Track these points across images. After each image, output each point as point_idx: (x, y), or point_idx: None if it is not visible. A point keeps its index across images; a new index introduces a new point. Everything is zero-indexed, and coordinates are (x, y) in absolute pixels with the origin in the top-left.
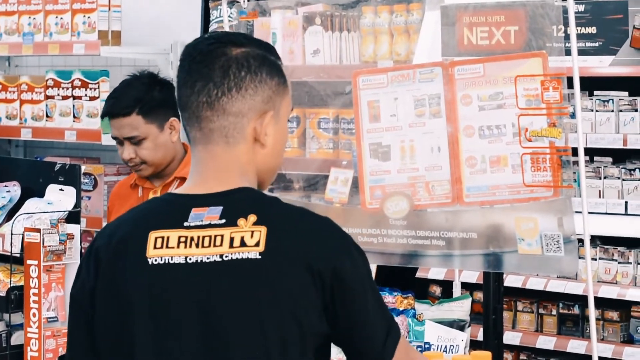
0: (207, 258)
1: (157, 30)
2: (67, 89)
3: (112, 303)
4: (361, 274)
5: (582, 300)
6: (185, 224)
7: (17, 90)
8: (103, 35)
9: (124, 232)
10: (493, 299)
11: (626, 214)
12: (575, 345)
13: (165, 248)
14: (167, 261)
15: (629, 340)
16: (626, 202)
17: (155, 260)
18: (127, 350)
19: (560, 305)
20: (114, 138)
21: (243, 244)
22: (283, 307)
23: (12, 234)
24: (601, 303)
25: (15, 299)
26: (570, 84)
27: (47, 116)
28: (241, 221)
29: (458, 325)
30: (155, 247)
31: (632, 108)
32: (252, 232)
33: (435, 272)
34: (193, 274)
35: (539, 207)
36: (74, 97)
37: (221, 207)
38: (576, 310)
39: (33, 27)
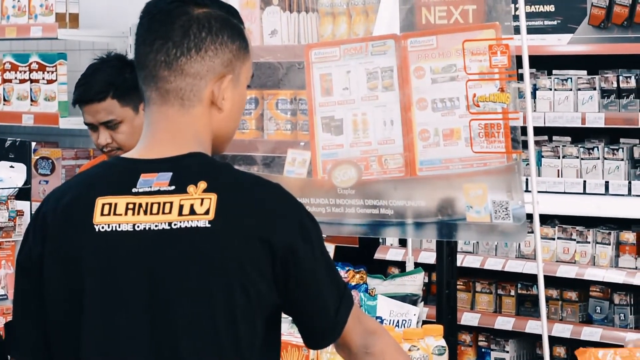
0: (156, 226)
1: (115, 13)
2: (25, 72)
3: (59, 270)
4: (313, 245)
5: None
6: (134, 190)
7: None
8: (60, 18)
9: (71, 197)
10: (447, 274)
11: (585, 193)
12: (533, 326)
13: (113, 215)
14: (114, 228)
15: (587, 321)
16: (584, 182)
17: (102, 227)
18: (75, 318)
19: (519, 285)
20: (87, 124)
21: (192, 211)
22: (231, 276)
23: None
24: (560, 283)
25: None
26: (520, 64)
27: (4, 100)
28: (191, 188)
29: (410, 299)
30: (102, 214)
31: (590, 87)
32: (202, 199)
33: (394, 254)
34: (141, 242)
35: (487, 175)
36: (32, 81)
37: (171, 173)
38: (535, 291)
39: None
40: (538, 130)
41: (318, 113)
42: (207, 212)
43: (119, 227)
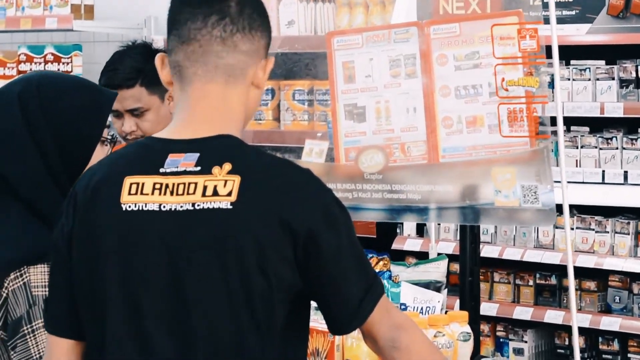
0: (181, 206)
1: (131, 4)
2: (40, 63)
3: (85, 248)
4: (338, 233)
5: (559, 270)
6: (161, 170)
7: None
8: (76, 9)
9: (101, 175)
10: (470, 261)
11: (603, 182)
12: (552, 316)
13: (140, 194)
14: (140, 208)
15: (606, 310)
16: (603, 171)
17: (129, 206)
18: (99, 295)
19: (537, 275)
20: (111, 111)
21: (215, 193)
22: (250, 258)
23: None
24: (578, 273)
25: None
26: (549, 54)
27: None
28: (215, 169)
29: (434, 286)
30: (129, 193)
31: (609, 76)
32: (226, 181)
33: (411, 244)
34: (166, 222)
35: (516, 159)
36: None
37: (198, 154)
38: (553, 281)
39: (5, 1)
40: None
41: (341, 100)
42: (229, 194)
43: (146, 206)
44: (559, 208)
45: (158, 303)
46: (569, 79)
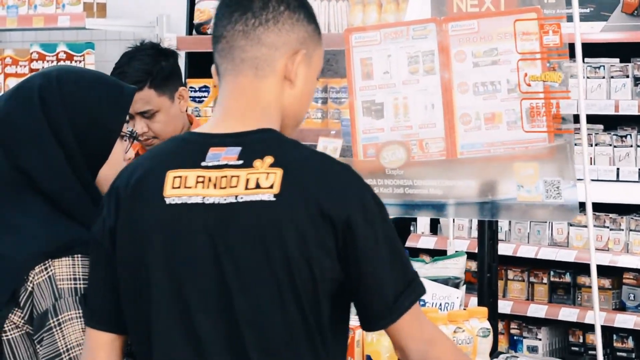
0: (224, 199)
1: (143, 3)
2: (52, 61)
3: (130, 243)
4: (375, 227)
5: (573, 267)
6: (203, 163)
7: (1, 63)
8: (88, 7)
9: (143, 171)
10: (488, 257)
11: (618, 180)
12: (566, 313)
13: (183, 188)
14: (184, 201)
15: (620, 308)
16: (618, 169)
17: (173, 200)
18: (145, 290)
19: (552, 273)
20: None
21: (258, 185)
22: (293, 250)
23: None
24: None
25: None
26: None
27: None
28: (257, 162)
29: (453, 282)
30: (173, 187)
31: (623, 74)
32: (268, 174)
33: (425, 241)
34: (210, 215)
35: (538, 155)
36: None
37: (240, 148)
38: (567, 278)
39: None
40: None
41: (358, 97)
42: (271, 186)
43: (189, 199)
44: (581, 206)
45: (205, 295)
46: (583, 77)
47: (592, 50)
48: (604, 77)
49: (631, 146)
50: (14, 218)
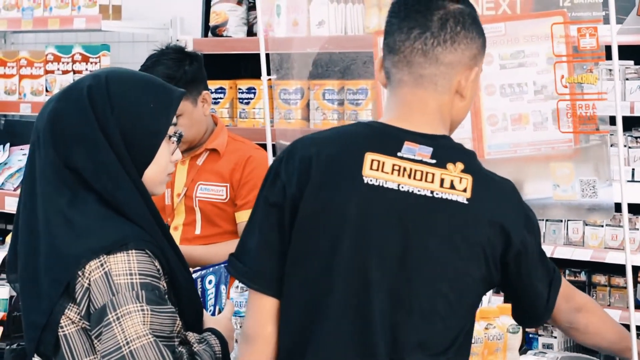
0: (418, 191)
1: (157, 5)
2: (68, 63)
3: (321, 216)
4: (536, 237)
5: (588, 266)
6: (399, 154)
7: (16, 65)
8: (104, 10)
9: (335, 149)
10: None
11: (633, 180)
12: None
13: (381, 172)
14: (381, 184)
15: (636, 306)
16: (633, 169)
17: (371, 180)
18: (325, 260)
19: (567, 272)
20: None
21: (452, 186)
22: (475, 252)
23: None
24: (609, 269)
25: None
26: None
27: (46, 91)
28: (450, 165)
29: None
30: (371, 169)
31: (638, 76)
32: (461, 178)
33: None
34: (404, 202)
35: (574, 153)
36: (75, 72)
37: (431, 149)
38: (583, 277)
39: (32, 1)
40: None
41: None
42: (465, 190)
43: (385, 183)
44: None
45: (385, 276)
46: (619, 79)
47: (608, 52)
48: (619, 79)
49: None
50: (70, 214)
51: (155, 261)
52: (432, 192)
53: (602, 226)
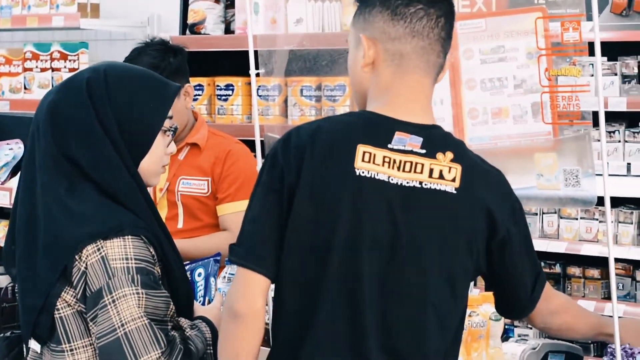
0: (408, 182)
1: (135, 3)
2: (46, 61)
3: (314, 202)
4: (525, 234)
5: (563, 258)
6: (389, 145)
7: None
8: (82, 8)
9: (329, 137)
10: None
11: (628, 175)
12: None
13: (372, 164)
14: (373, 176)
15: (609, 297)
16: (629, 164)
17: (362, 172)
18: (319, 251)
19: (542, 264)
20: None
21: (441, 176)
22: (464, 240)
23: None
24: (583, 261)
25: None
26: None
27: (25, 88)
28: (440, 155)
29: None
30: (363, 160)
31: (611, 72)
32: (450, 167)
33: None
34: (394, 193)
35: (558, 144)
36: (53, 69)
37: (422, 138)
38: (558, 269)
39: (11, 0)
40: None
41: None
42: (453, 180)
43: (377, 175)
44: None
45: (376, 267)
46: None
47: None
48: (592, 75)
49: (619, 141)
50: (68, 202)
51: (150, 247)
52: (420, 183)
53: (577, 219)
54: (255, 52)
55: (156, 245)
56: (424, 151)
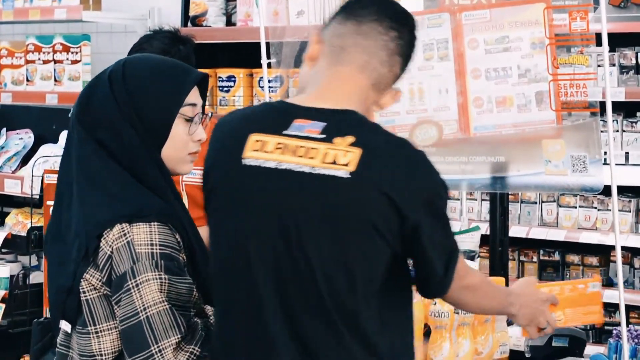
0: (298, 167)
1: None
2: (49, 53)
3: (210, 197)
4: (437, 218)
5: (562, 246)
6: (284, 132)
7: None
8: (84, 0)
9: (229, 128)
10: (499, 232)
11: (605, 163)
12: None
13: (262, 152)
14: (260, 164)
15: (609, 284)
16: (627, 153)
17: (249, 162)
18: (218, 244)
19: (541, 252)
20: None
21: (334, 162)
22: (358, 227)
23: (32, 176)
24: (582, 249)
25: (36, 239)
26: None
27: (27, 80)
28: (337, 140)
29: (468, 255)
30: (253, 150)
31: (610, 63)
32: (346, 152)
33: None
34: (282, 180)
35: (566, 131)
36: (55, 61)
37: (324, 124)
38: (556, 257)
39: None
40: None
41: None
42: (347, 164)
43: (265, 163)
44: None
45: (266, 256)
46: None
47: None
48: (590, 66)
49: (617, 131)
50: (100, 180)
51: (177, 234)
52: (312, 167)
53: (576, 207)
54: (259, 44)
55: (182, 233)
56: (323, 136)
